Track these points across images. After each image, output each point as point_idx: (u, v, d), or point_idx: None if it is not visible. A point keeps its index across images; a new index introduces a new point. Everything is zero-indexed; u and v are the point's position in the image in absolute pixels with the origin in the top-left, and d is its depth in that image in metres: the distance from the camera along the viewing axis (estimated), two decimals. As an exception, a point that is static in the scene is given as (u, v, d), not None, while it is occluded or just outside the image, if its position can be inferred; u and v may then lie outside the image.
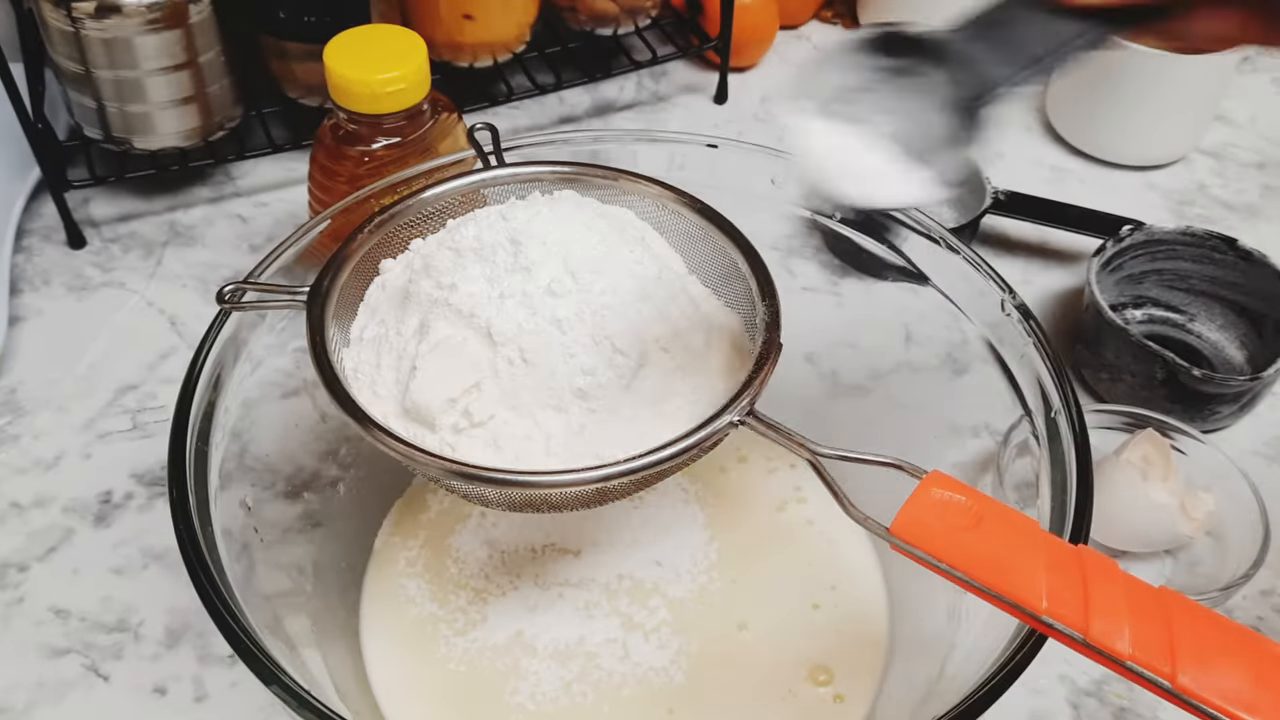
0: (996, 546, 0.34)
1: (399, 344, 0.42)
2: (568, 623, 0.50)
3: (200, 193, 0.74)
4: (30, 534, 0.55)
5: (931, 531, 0.35)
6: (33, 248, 0.70)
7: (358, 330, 0.44)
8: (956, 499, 0.36)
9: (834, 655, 0.49)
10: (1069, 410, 0.43)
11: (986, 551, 0.34)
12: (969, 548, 0.34)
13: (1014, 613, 0.34)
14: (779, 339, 0.42)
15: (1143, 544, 0.55)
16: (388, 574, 0.52)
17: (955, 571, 0.34)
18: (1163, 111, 0.75)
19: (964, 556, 0.34)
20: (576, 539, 0.52)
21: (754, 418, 0.40)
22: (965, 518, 0.35)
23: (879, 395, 0.55)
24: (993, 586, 0.34)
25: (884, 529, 0.36)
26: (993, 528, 0.35)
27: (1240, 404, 0.60)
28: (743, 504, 0.55)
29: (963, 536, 0.35)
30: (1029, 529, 0.35)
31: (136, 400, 0.62)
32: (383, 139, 0.58)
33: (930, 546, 0.35)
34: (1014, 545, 0.34)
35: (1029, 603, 0.33)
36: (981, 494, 0.36)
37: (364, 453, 0.53)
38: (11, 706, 0.49)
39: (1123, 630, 0.32)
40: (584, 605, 0.50)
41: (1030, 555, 0.34)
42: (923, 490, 0.36)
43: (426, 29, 0.72)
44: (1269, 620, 0.54)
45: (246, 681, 0.50)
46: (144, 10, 0.63)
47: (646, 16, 0.80)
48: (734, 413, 0.39)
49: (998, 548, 0.34)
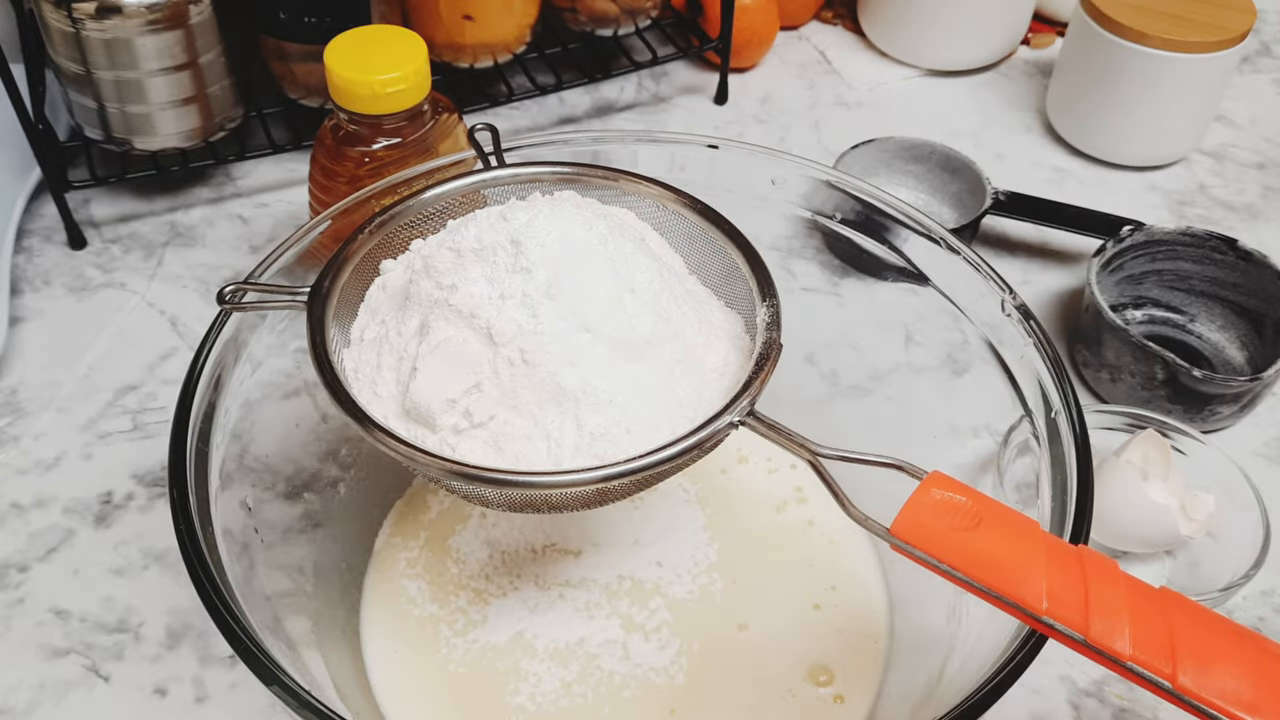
0: (996, 547, 0.34)
1: (399, 344, 0.42)
2: (568, 623, 0.50)
3: (201, 193, 0.74)
4: (31, 535, 0.56)
5: (931, 532, 0.35)
6: (33, 248, 0.70)
7: (358, 331, 0.44)
8: (956, 499, 0.36)
9: (834, 655, 0.49)
10: (1069, 410, 0.43)
11: (986, 552, 0.34)
12: (969, 548, 0.34)
13: (1014, 613, 0.34)
14: (780, 339, 0.42)
15: (1143, 544, 0.55)
16: (388, 575, 0.52)
17: (955, 572, 0.34)
18: (1163, 112, 0.75)
19: (964, 557, 0.34)
20: (577, 539, 0.52)
21: (755, 418, 0.40)
22: (965, 518, 0.35)
23: (879, 395, 0.55)
24: (993, 587, 0.34)
25: (884, 529, 0.36)
26: (993, 528, 0.35)
27: (1240, 404, 0.60)
28: (743, 505, 0.55)
29: (963, 537, 0.35)
30: (1029, 530, 0.35)
31: (137, 401, 0.62)
32: (383, 140, 0.58)
33: (930, 547, 0.35)
34: (1014, 546, 0.34)
35: (1029, 603, 0.33)
36: (981, 495, 0.36)
37: (364, 453, 0.53)
38: (12, 707, 0.49)
39: (1123, 631, 0.32)
40: (585, 606, 0.50)
41: (1030, 556, 0.34)
42: (923, 491, 0.36)
43: (427, 30, 0.72)
44: (1269, 620, 0.54)
45: (247, 682, 0.50)
46: (144, 11, 0.63)
47: (647, 17, 0.80)
48: (734, 413, 0.39)
49: (998, 548, 0.34)
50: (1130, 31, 0.72)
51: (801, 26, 0.91)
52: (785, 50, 0.89)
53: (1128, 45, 0.73)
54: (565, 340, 0.40)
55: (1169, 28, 0.72)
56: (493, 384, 0.40)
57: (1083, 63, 0.76)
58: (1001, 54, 0.87)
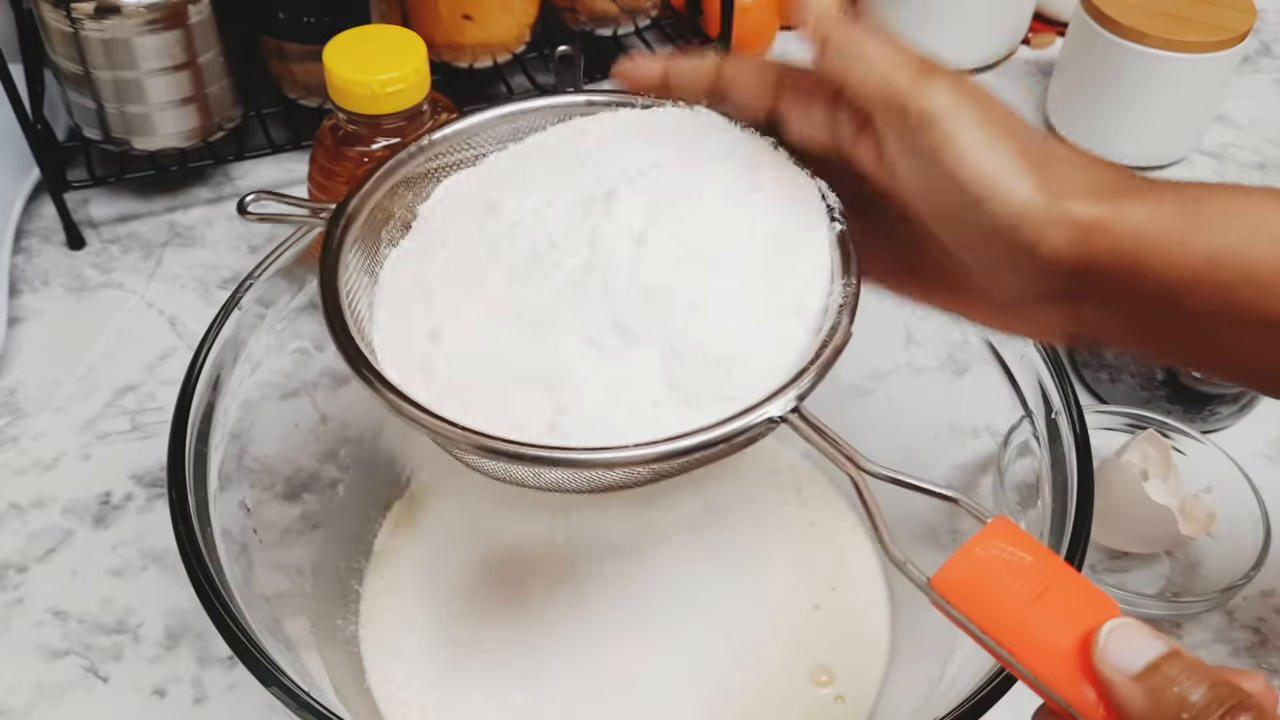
0: (1058, 630, 0.28)
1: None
2: (569, 624, 0.50)
3: (200, 193, 0.74)
4: (30, 535, 0.55)
5: (984, 595, 0.29)
6: (32, 248, 0.70)
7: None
8: (1020, 557, 0.30)
9: (835, 656, 0.49)
10: (1069, 411, 0.43)
11: (1045, 636, 0.28)
12: (1025, 625, 0.29)
13: (1062, 714, 0.29)
14: (850, 328, 0.36)
15: (1143, 545, 0.55)
16: (387, 575, 0.52)
17: (1001, 650, 0.29)
18: (1163, 112, 0.75)
19: (1017, 636, 0.29)
20: (578, 540, 0.52)
21: (799, 415, 0.34)
22: (1028, 584, 0.29)
23: (879, 395, 0.55)
24: (1045, 680, 0.28)
25: (925, 580, 0.30)
26: (1058, 601, 0.29)
27: (1240, 404, 0.60)
28: (743, 504, 0.55)
29: (1019, 610, 0.29)
30: (1105, 608, 0.29)
31: (136, 401, 0.62)
32: (382, 139, 0.58)
33: (978, 614, 0.29)
34: (1079, 628, 0.28)
35: (1085, 712, 0.28)
36: (1050, 554, 0.30)
37: (364, 454, 0.53)
38: (11, 708, 0.49)
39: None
40: (585, 606, 0.50)
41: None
42: (981, 540, 0.30)
43: (426, 29, 0.72)
44: (1270, 621, 0.54)
45: (246, 683, 0.50)
46: (143, 11, 0.63)
47: (646, 17, 0.80)
48: (779, 404, 0.34)
49: (1059, 632, 0.28)
50: (1130, 31, 0.72)
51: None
52: (785, 50, 0.89)
53: (1128, 45, 0.72)
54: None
55: (1169, 28, 0.72)
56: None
57: (1083, 63, 0.76)
58: (1002, 54, 0.87)
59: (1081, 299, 0.35)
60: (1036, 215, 0.33)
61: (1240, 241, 0.33)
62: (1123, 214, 0.33)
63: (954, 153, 0.33)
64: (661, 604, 0.50)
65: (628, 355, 0.35)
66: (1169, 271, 0.33)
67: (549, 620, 0.50)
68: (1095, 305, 0.35)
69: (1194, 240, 0.33)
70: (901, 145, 0.34)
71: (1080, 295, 0.35)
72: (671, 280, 0.36)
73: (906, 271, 0.40)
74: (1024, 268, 0.34)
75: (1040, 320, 0.37)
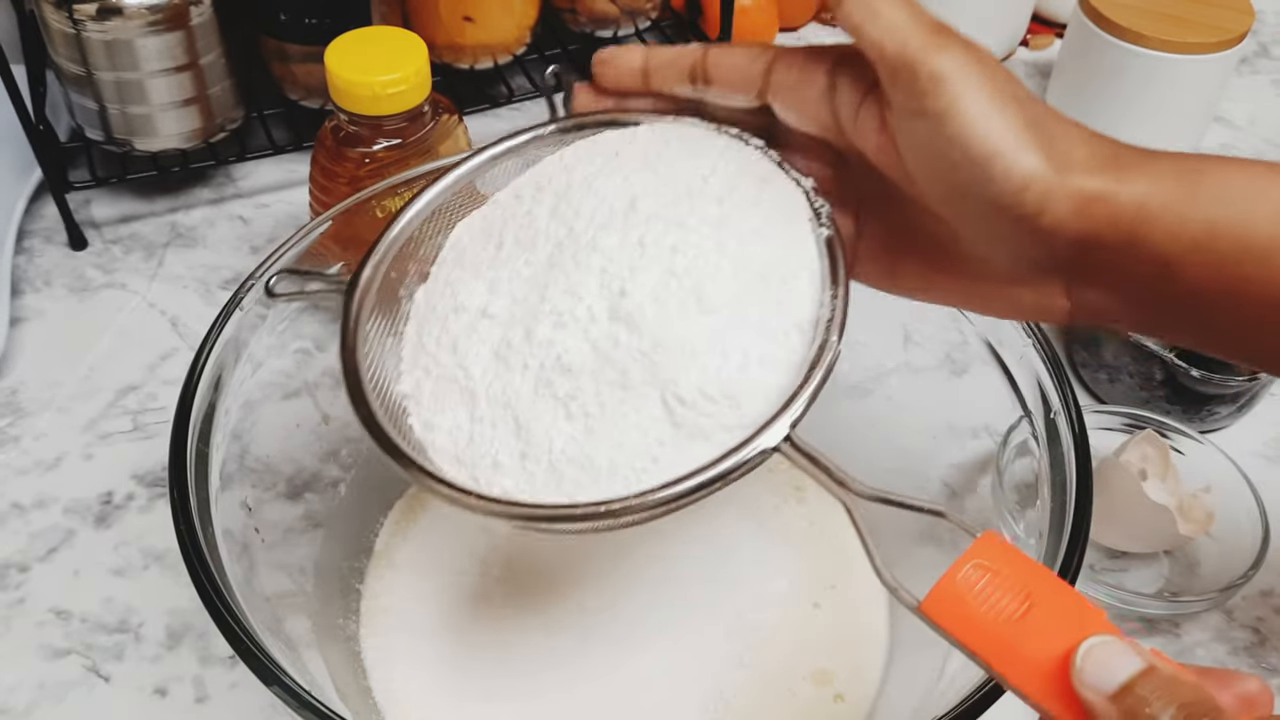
0: (1044, 644, 0.29)
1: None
2: (569, 625, 0.50)
3: (201, 194, 0.74)
4: (31, 535, 0.56)
5: (972, 616, 0.30)
6: (34, 249, 0.70)
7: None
8: (1004, 574, 0.30)
9: (834, 655, 0.49)
10: (1068, 411, 0.43)
11: (1032, 654, 0.29)
12: (1013, 644, 0.29)
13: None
14: (838, 344, 0.35)
15: (1142, 544, 0.55)
16: (388, 575, 0.52)
17: (993, 671, 0.30)
18: (1161, 113, 0.75)
19: (1007, 656, 0.29)
20: (578, 540, 0.52)
21: (790, 443, 0.33)
22: (1013, 599, 0.30)
23: (879, 395, 0.55)
24: (1034, 697, 0.29)
25: (915, 602, 0.31)
26: (1044, 615, 0.29)
27: (1239, 404, 0.60)
28: (742, 504, 0.55)
29: (1007, 629, 0.29)
30: (1092, 621, 0.29)
31: (137, 401, 0.62)
32: (383, 140, 0.58)
33: (966, 635, 0.30)
34: (1067, 645, 0.29)
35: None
36: (1036, 566, 0.31)
37: (365, 454, 0.53)
38: (12, 707, 0.49)
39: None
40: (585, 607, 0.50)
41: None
42: (968, 559, 0.31)
43: (427, 31, 0.72)
44: (1269, 621, 0.54)
45: (247, 682, 0.50)
46: (145, 12, 0.63)
47: (646, 18, 0.80)
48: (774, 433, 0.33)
49: (1044, 646, 0.29)
50: (1129, 33, 0.72)
51: (801, 28, 0.91)
52: (785, 51, 0.89)
53: (1127, 46, 0.73)
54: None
55: (1168, 29, 0.72)
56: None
57: (1082, 64, 0.76)
58: (1000, 55, 0.87)
59: (1079, 271, 0.35)
60: (1041, 184, 0.33)
61: (1239, 213, 0.33)
62: (1123, 185, 0.33)
63: (961, 117, 0.32)
64: (661, 603, 0.51)
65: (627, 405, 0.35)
66: (1168, 243, 0.33)
67: (549, 620, 0.50)
68: (1093, 279, 0.35)
69: (1192, 211, 0.33)
70: (908, 107, 0.34)
71: (1078, 267, 0.35)
72: (662, 334, 0.35)
73: (902, 254, 0.39)
74: (1024, 239, 0.34)
75: (1037, 298, 0.37)
